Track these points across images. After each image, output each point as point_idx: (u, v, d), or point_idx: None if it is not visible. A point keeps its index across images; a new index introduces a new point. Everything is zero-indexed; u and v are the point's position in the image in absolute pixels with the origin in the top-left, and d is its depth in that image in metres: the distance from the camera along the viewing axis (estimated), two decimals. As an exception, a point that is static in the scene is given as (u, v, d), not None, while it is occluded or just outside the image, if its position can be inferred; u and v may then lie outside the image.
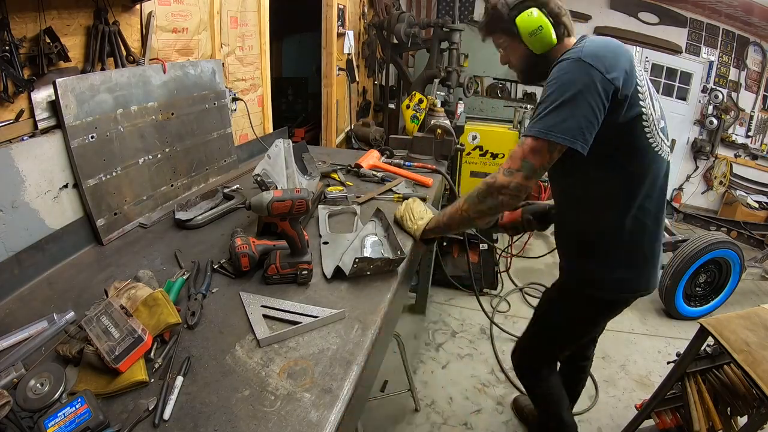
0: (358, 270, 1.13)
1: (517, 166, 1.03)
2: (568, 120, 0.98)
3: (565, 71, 0.99)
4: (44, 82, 1.16)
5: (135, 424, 0.74)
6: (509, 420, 2.00)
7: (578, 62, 0.98)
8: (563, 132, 0.98)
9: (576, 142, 0.99)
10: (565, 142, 0.99)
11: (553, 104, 0.98)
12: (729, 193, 4.56)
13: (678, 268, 2.64)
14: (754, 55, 4.32)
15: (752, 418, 1.30)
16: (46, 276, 1.16)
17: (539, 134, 1.00)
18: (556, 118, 0.98)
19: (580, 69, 0.98)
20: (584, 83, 0.97)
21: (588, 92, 0.97)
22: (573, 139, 0.99)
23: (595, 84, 0.97)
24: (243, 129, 2.19)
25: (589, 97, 0.97)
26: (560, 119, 0.98)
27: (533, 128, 1.01)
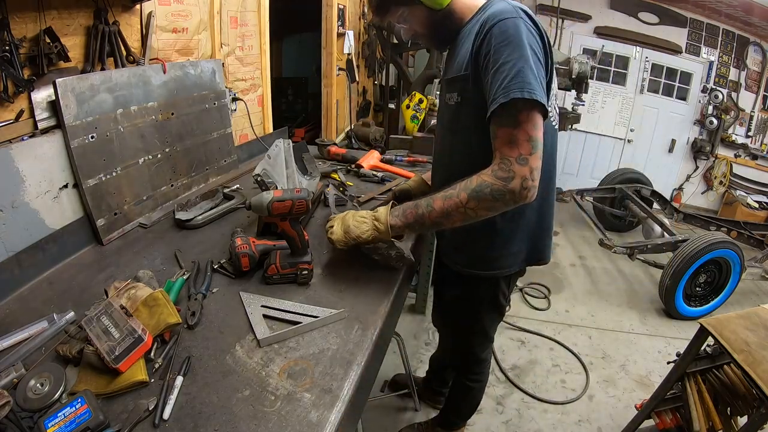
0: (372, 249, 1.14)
1: (527, 149, 0.92)
2: (541, 82, 0.92)
3: (511, 29, 0.93)
4: (44, 82, 1.16)
5: (135, 424, 0.74)
6: (509, 420, 2.00)
7: (520, 21, 0.94)
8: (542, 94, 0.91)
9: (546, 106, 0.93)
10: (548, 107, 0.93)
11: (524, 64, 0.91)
12: (729, 193, 4.56)
13: (678, 268, 2.64)
14: (754, 55, 4.32)
15: (752, 418, 1.30)
16: (46, 276, 1.16)
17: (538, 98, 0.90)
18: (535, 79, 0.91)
19: (525, 29, 0.94)
20: (531, 42, 0.93)
21: (538, 54, 0.95)
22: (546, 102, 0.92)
23: (540, 46, 0.96)
24: (243, 129, 2.19)
25: (539, 59, 0.95)
26: (538, 78, 0.91)
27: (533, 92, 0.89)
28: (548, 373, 2.30)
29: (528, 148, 0.91)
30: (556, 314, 2.82)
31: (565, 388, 2.21)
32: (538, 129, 0.92)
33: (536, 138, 0.92)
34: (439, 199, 1.02)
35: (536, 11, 4.49)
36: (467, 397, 1.65)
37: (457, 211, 0.99)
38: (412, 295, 2.69)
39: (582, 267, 3.44)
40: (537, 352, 2.46)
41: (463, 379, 1.59)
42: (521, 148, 0.91)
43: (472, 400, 1.67)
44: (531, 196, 0.95)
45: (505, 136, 0.93)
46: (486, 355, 1.54)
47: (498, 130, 0.94)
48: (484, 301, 1.34)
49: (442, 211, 1.01)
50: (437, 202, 1.02)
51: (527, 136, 0.91)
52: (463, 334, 1.50)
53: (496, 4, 1.02)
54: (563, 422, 2.01)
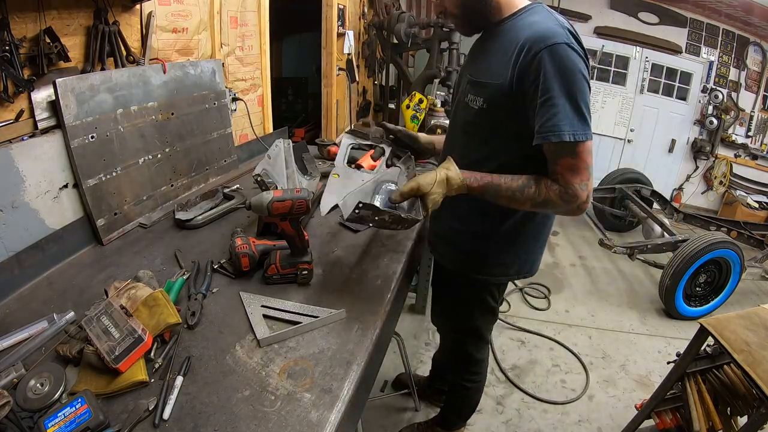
0: (359, 218, 0.95)
1: (587, 175, 1.01)
2: (588, 112, 0.99)
3: (564, 59, 0.96)
4: (44, 82, 1.16)
5: (135, 424, 0.74)
6: (509, 420, 2.00)
7: (570, 49, 0.96)
8: (589, 128, 0.99)
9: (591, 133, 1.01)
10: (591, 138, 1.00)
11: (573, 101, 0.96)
12: (729, 193, 4.55)
13: (678, 268, 2.64)
14: (754, 55, 4.31)
15: (752, 418, 1.30)
16: (46, 276, 1.16)
17: (587, 137, 0.98)
18: (582, 115, 0.98)
19: (576, 57, 0.97)
20: (581, 70, 0.97)
21: (587, 81, 1.00)
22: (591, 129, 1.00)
23: (587, 68, 1.00)
24: (243, 129, 2.19)
25: (589, 86, 1.00)
26: (585, 115, 0.98)
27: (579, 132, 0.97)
28: (548, 373, 2.30)
29: (587, 175, 1.01)
30: (556, 314, 2.82)
31: (565, 388, 2.21)
32: (591, 156, 1.01)
33: (591, 164, 1.01)
34: (504, 198, 1.06)
35: (536, 11, 4.49)
36: (465, 397, 1.65)
37: (518, 206, 1.08)
38: (412, 295, 2.69)
39: (582, 267, 3.44)
40: (537, 352, 2.46)
41: (460, 380, 1.59)
42: (582, 175, 1.00)
43: (470, 400, 1.67)
44: (582, 213, 1.07)
45: (567, 164, 1.00)
46: (482, 355, 1.54)
47: (559, 159, 1.01)
48: (474, 302, 1.36)
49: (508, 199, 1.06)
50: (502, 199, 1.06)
51: (585, 164, 1.00)
52: (457, 334, 1.51)
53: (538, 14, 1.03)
54: (563, 422, 2.00)
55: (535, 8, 1.06)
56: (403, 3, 4.69)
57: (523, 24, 1.03)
